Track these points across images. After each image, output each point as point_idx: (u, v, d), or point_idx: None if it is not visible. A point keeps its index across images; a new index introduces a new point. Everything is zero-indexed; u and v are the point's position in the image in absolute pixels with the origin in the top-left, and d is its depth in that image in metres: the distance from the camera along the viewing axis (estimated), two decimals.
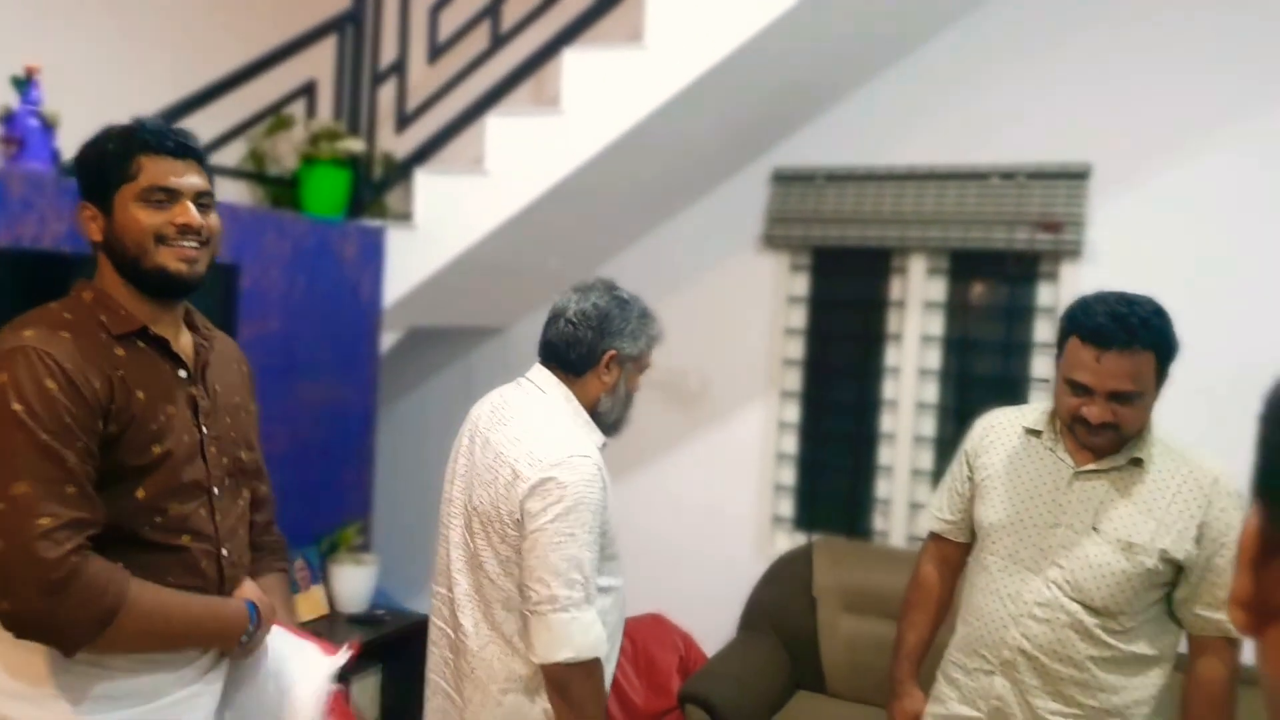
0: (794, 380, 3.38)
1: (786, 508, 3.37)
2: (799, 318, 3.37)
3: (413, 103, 3.25)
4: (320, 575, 3.07)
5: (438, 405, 3.91)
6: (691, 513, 3.44)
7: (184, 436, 1.43)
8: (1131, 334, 1.60)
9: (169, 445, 1.40)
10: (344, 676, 3.02)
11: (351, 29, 3.17)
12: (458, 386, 3.87)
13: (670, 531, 3.46)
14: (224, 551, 1.49)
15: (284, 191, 3.13)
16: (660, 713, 3.10)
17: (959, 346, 3.19)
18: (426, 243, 3.03)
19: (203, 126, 2.84)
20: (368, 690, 3.15)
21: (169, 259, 1.41)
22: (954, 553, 1.96)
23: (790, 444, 3.38)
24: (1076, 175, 2.91)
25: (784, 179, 3.31)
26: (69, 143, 2.37)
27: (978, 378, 3.15)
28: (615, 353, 1.76)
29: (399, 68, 3.27)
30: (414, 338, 3.55)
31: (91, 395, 1.32)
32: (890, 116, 3.19)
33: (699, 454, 3.45)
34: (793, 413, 3.38)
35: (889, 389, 3.25)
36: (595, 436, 1.77)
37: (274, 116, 3.13)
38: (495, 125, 2.93)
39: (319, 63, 3.20)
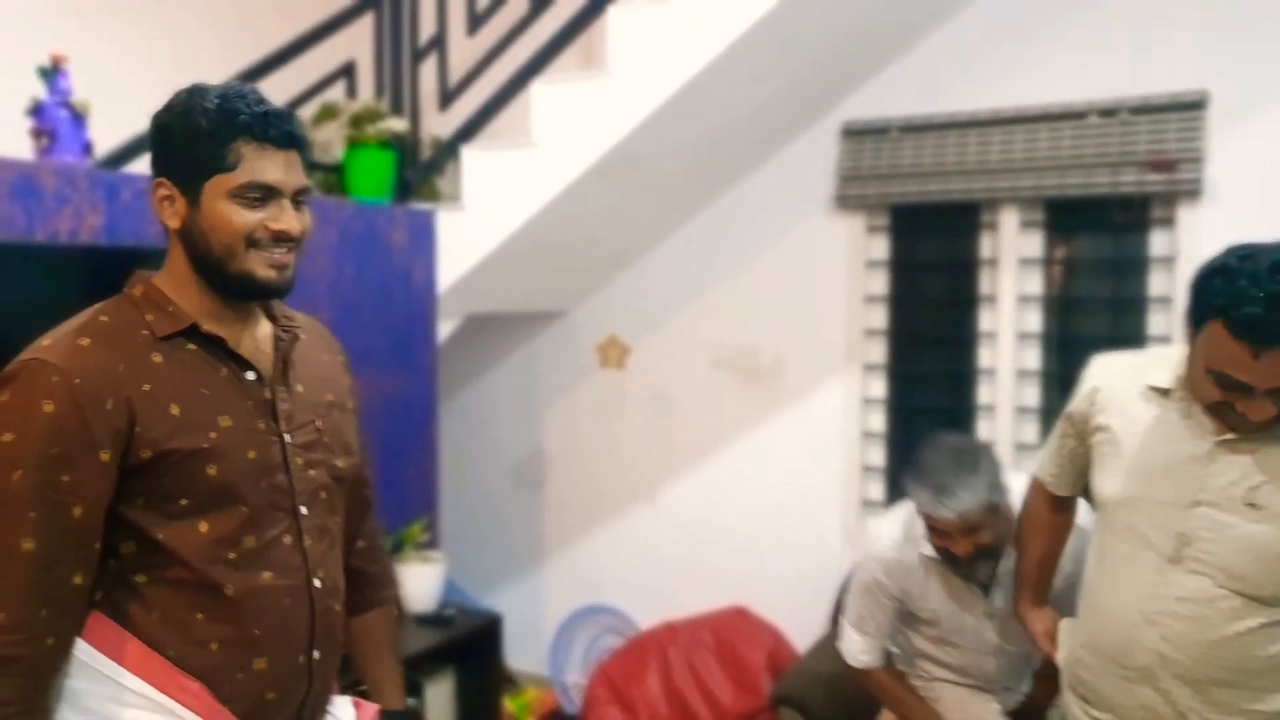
0: (878, 352, 3.13)
1: (877, 490, 3.13)
2: (879, 283, 3.12)
3: (455, 78, 3.09)
4: None
5: (500, 395, 3.77)
6: (772, 498, 3.22)
7: (250, 451, 1.21)
8: None
9: (228, 465, 1.18)
10: (416, 681, 2.94)
11: (389, 4, 3.02)
12: (520, 375, 3.72)
13: (750, 519, 3.26)
14: (315, 583, 1.26)
15: (329, 178, 3.01)
16: (750, 713, 2.91)
17: (1061, 306, 2.90)
18: (478, 224, 2.87)
19: None
20: (442, 693, 3.04)
21: (258, 265, 1.20)
22: (1063, 502, 1.79)
23: (877, 421, 3.13)
24: (1191, 106, 2.59)
25: (855, 133, 3.05)
26: (101, 134, 2.29)
27: (1085, 340, 2.85)
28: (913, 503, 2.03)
29: (439, 42, 3.11)
30: (472, 325, 3.41)
31: (99, 419, 1.11)
32: (969, 57, 2.90)
33: (777, 435, 3.22)
34: (878, 387, 3.13)
35: (985, 357, 2.98)
36: (910, 533, 2.07)
37: (320, 105, 3.00)
38: (541, 94, 2.75)
39: (357, 42, 3.06)
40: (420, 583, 2.96)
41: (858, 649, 2.16)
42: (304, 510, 1.26)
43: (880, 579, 2.09)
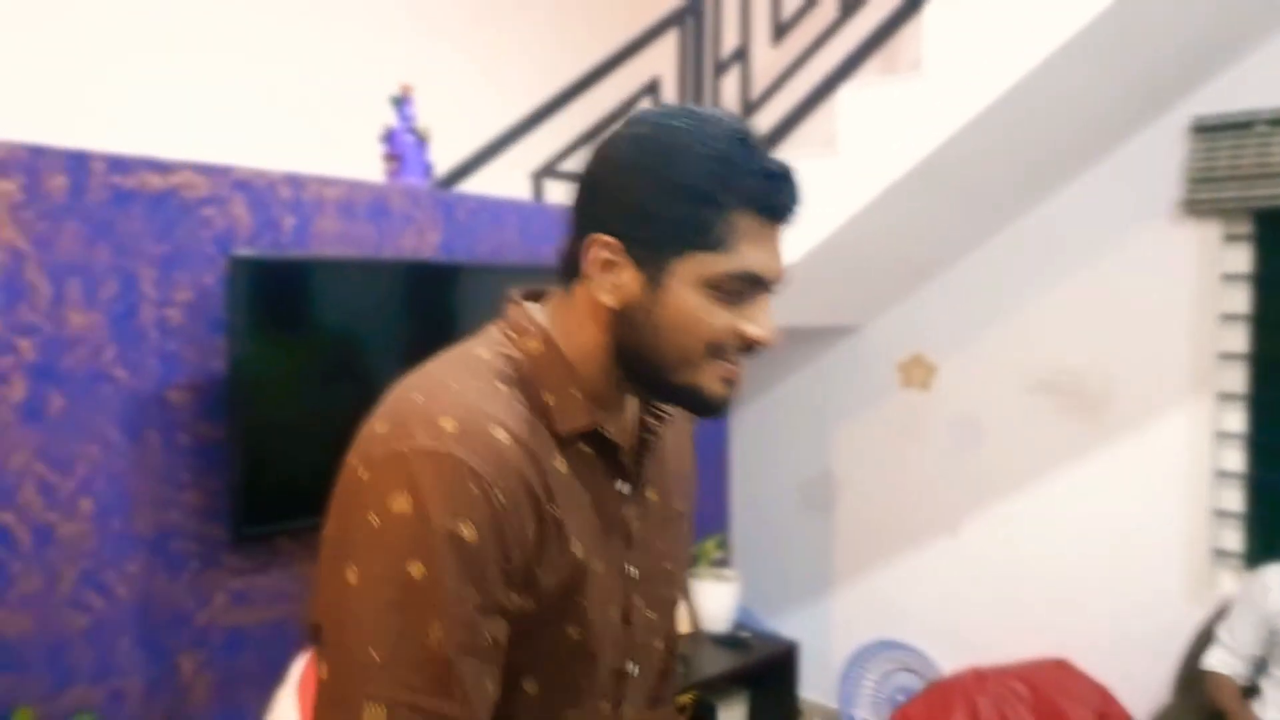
0: (1234, 379, 2.71)
1: (1232, 540, 2.71)
2: (1238, 301, 2.70)
3: (757, 89, 3.03)
4: None
5: (788, 411, 3.66)
6: (1099, 542, 2.88)
7: (612, 608, 0.89)
8: None
9: (591, 625, 0.87)
10: (710, 703, 2.89)
11: (692, 20, 3.02)
12: (810, 390, 3.60)
13: (1072, 563, 2.93)
14: None
15: None
16: None
17: None
18: None
19: (547, 135, 2.88)
20: (734, 718, 2.97)
21: (710, 378, 0.85)
22: None
23: (1233, 460, 2.71)
24: None
25: (1208, 129, 2.67)
26: (439, 156, 2.47)
27: None
28: None
29: (741, 54, 3.06)
30: None
31: (520, 551, 0.80)
32: None
33: (1106, 471, 2.88)
34: (1235, 420, 2.71)
35: None
36: None
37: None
38: (848, 98, 2.62)
39: (662, 59, 3.10)
40: (715, 601, 2.93)
41: (1215, 655, 2.34)
42: (633, 669, 0.93)
43: (1272, 587, 2.23)
